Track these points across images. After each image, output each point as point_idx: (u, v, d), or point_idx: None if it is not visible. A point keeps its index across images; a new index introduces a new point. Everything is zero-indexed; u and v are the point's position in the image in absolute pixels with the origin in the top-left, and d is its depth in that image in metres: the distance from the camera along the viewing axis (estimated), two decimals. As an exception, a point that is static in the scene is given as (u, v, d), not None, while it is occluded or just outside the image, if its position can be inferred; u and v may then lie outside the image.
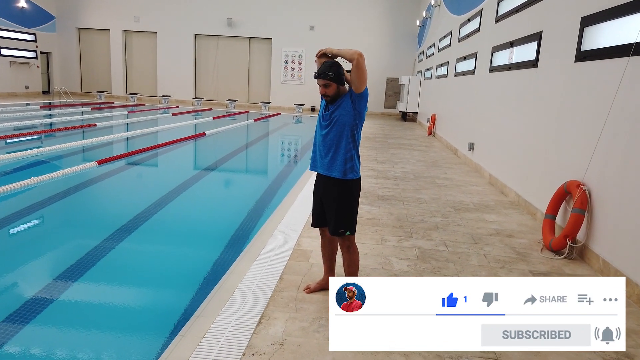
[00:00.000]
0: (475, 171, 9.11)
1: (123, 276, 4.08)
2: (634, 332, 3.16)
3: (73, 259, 4.24)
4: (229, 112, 21.62)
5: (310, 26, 24.35)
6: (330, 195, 3.22)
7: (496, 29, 8.47)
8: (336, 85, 3.09)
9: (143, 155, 9.67)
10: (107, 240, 4.74)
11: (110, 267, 4.23)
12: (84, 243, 4.68)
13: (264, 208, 6.38)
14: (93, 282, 3.92)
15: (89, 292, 3.75)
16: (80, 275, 3.96)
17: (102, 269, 4.14)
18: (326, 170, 3.21)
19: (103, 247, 4.59)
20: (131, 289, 3.86)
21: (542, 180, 5.71)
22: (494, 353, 2.82)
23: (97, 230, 5.13)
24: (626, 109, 3.93)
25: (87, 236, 4.98)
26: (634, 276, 3.65)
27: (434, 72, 16.48)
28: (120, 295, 3.74)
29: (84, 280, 3.89)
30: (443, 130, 13.73)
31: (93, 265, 4.19)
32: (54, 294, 3.60)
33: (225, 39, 25.18)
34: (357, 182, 3.25)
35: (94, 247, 4.53)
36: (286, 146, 13.80)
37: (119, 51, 25.49)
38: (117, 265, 4.31)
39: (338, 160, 3.15)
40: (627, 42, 3.95)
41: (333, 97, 3.11)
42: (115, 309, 3.48)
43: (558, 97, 5.44)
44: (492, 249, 4.70)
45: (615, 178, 4.06)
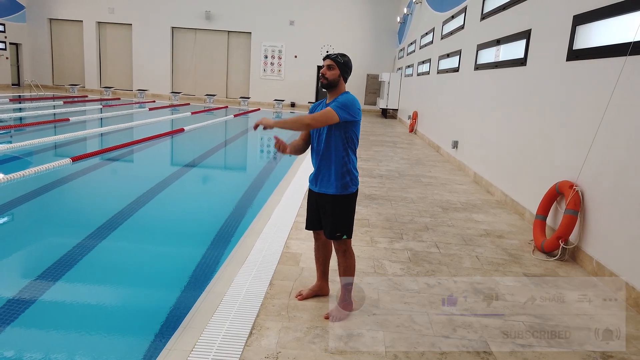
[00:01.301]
0: (459, 169, 9.07)
1: (101, 281, 3.84)
2: (633, 338, 3.10)
3: (48, 261, 3.99)
4: (208, 107, 21.20)
5: (290, 21, 24.08)
6: (326, 205, 3.06)
7: (482, 27, 8.42)
8: (339, 73, 2.97)
9: (120, 152, 9.33)
10: (84, 243, 4.48)
11: (87, 271, 3.98)
12: (60, 244, 4.41)
13: (247, 208, 6.18)
14: (69, 287, 3.67)
15: (66, 298, 3.51)
16: (57, 280, 3.71)
17: (78, 273, 3.89)
18: (320, 187, 3.06)
19: (79, 249, 4.33)
20: (111, 295, 3.62)
21: (531, 180, 5.66)
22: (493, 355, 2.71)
23: (72, 232, 4.85)
24: (623, 109, 3.87)
25: (63, 238, 4.71)
26: (631, 279, 3.60)
27: (415, 69, 16.45)
28: (99, 301, 3.50)
29: (60, 284, 3.64)
30: (425, 127, 13.70)
31: (69, 269, 3.94)
32: (29, 297, 3.34)
33: (204, 33, 24.70)
34: (355, 194, 3.10)
35: (70, 250, 4.27)
36: (266, 143, 13.56)
37: (93, 43, 24.74)
38: (95, 269, 4.06)
39: (334, 176, 3.00)
40: (624, 41, 3.89)
41: (330, 83, 2.97)
42: (93, 317, 3.24)
43: (549, 96, 5.39)
44: (483, 251, 4.62)
45: (610, 179, 4.01)
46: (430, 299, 3.49)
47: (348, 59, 3.02)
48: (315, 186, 3.11)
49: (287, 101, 24.53)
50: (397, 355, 2.73)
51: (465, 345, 2.88)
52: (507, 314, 3.33)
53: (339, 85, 2.99)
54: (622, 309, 3.51)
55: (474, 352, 2.81)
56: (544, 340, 3.00)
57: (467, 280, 3.87)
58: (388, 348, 2.79)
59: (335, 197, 3.01)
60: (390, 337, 2.92)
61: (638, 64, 3.72)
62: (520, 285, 3.85)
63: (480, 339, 2.97)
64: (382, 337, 2.91)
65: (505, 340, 2.97)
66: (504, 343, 2.94)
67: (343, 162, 2.99)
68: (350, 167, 3.01)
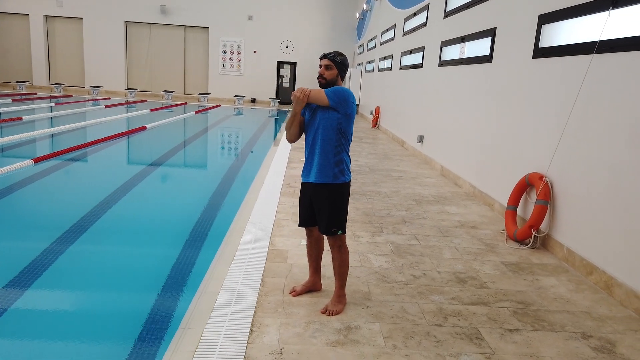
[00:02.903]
0: (425, 163, 9.32)
1: (85, 287, 3.73)
2: (608, 318, 3.33)
3: (16, 267, 3.82)
4: (166, 103, 20.71)
5: (249, 16, 23.81)
6: (321, 197, 3.11)
7: (445, 24, 8.66)
8: (337, 72, 3.04)
9: (82, 152, 8.99)
10: (57, 248, 4.33)
11: (66, 277, 3.86)
12: (29, 249, 4.24)
13: (223, 206, 6.13)
14: (46, 294, 3.56)
15: (43, 306, 3.39)
16: (27, 287, 3.56)
17: (54, 279, 3.77)
18: (315, 176, 3.10)
19: (51, 255, 4.18)
20: (100, 300, 3.53)
21: (500, 173, 5.91)
22: (490, 348, 2.85)
23: (41, 236, 4.66)
24: (591, 104, 4.12)
25: (31, 242, 4.52)
26: (601, 263, 3.85)
27: (376, 65, 16.68)
28: (85, 308, 3.41)
29: (33, 292, 3.51)
30: (388, 122, 13.94)
31: (40, 275, 3.78)
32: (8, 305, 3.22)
33: (159, 27, 24.03)
34: (348, 184, 3.17)
35: (40, 254, 4.11)
36: (231, 139, 13.42)
37: (40, 38, 23.56)
38: (73, 274, 3.93)
39: (327, 164, 3.06)
40: (591, 40, 4.13)
41: (329, 83, 3.04)
42: (84, 324, 3.16)
43: (516, 92, 5.64)
44: (461, 241, 4.80)
45: (578, 171, 4.26)
46: (418, 290, 3.62)
47: (344, 58, 3.08)
48: (309, 177, 3.14)
49: (247, 97, 24.30)
50: (397, 345, 2.82)
51: (458, 333, 3.01)
52: (492, 301, 3.50)
53: (336, 84, 3.04)
54: (594, 292, 3.75)
55: (467, 339, 2.95)
56: (528, 324, 3.17)
57: (449, 271, 4.03)
58: (386, 339, 2.88)
59: (330, 186, 3.07)
60: (387, 328, 3.01)
61: (604, 61, 3.97)
62: (499, 273, 4.04)
63: (470, 326, 3.11)
64: (379, 329, 3.00)
65: (494, 326, 3.12)
66: (492, 329, 3.09)
67: (336, 151, 3.06)
68: (343, 157, 3.09)
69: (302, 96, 2.97)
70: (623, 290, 3.55)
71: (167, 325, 3.07)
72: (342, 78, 3.06)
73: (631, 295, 3.46)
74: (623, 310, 3.46)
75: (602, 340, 3.02)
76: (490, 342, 2.92)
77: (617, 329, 3.18)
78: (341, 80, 3.07)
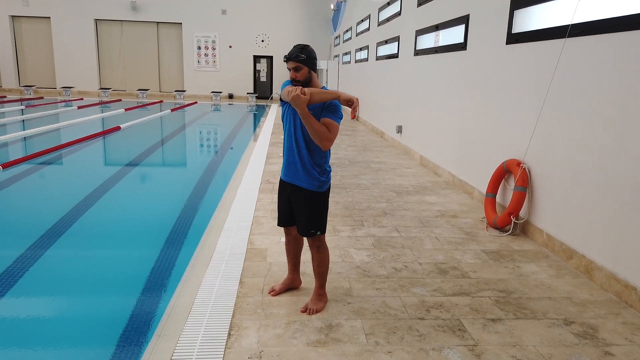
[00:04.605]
0: (404, 153, 9.30)
1: (59, 293, 3.58)
2: (589, 302, 3.33)
3: None
4: (141, 102, 20.32)
5: (222, 10, 23.46)
6: (301, 200, 3.01)
7: (419, 12, 8.61)
8: (308, 69, 2.85)
9: (54, 155, 8.73)
10: (30, 254, 4.16)
11: (38, 283, 3.70)
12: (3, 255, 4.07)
13: (201, 205, 6.01)
14: (18, 302, 3.40)
15: (17, 314, 3.25)
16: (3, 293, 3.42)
17: (26, 286, 3.61)
18: (295, 180, 2.99)
19: (24, 261, 4.01)
20: (73, 307, 3.39)
21: (478, 161, 5.90)
22: (473, 339, 2.82)
23: (16, 241, 4.49)
24: (565, 89, 4.11)
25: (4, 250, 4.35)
26: (580, 248, 3.85)
27: (352, 56, 16.60)
28: (58, 315, 3.27)
29: (7, 300, 3.36)
30: (367, 114, 13.90)
31: (14, 283, 3.64)
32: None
33: (131, 24, 23.53)
34: (329, 189, 3.08)
35: (13, 262, 3.95)
36: (210, 137, 13.22)
37: (7, 39, 22.86)
38: (46, 281, 3.78)
39: (307, 170, 2.94)
40: (562, 24, 4.11)
41: (304, 83, 2.86)
42: (55, 332, 3.03)
43: (491, 79, 5.61)
44: (441, 231, 4.77)
45: (555, 156, 4.26)
46: (400, 283, 3.57)
47: (309, 50, 2.88)
48: (287, 177, 3.04)
49: (224, 93, 24.00)
50: (379, 342, 2.76)
51: (441, 325, 2.97)
52: (474, 291, 3.47)
53: (312, 80, 2.91)
54: (575, 277, 3.75)
55: (450, 331, 2.91)
56: (510, 313, 3.15)
57: (431, 262, 3.99)
58: (368, 336, 2.82)
59: (310, 193, 2.97)
60: (369, 325, 2.95)
61: (577, 44, 3.95)
62: (480, 261, 4.02)
63: (453, 318, 3.07)
64: (361, 325, 2.94)
65: (476, 317, 3.09)
66: (475, 319, 3.06)
67: (320, 156, 2.95)
68: (323, 162, 2.98)
69: (300, 93, 2.65)
70: (603, 273, 3.55)
71: (142, 332, 2.96)
72: (314, 70, 2.91)
73: (611, 279, 3.47)
74: (604, 293, 3.47)
75: (584, 326, 3.01)
76: (472, 334, 2.88)
77: (599, 313, 3.18)
78: (315, 73, 2.93)
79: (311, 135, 2.79)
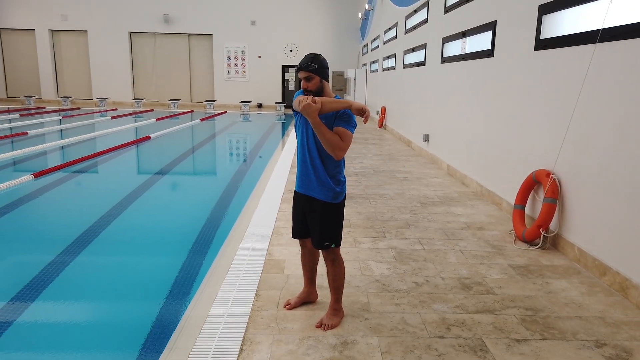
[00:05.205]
0: (432, 162, 9.12)
1: (74, 301, 3.61)
2: (623, 323, 3.12)
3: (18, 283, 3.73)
4: (173, 112, 20.74)
5: (252, 21, 23.80)
6: (315, 212, 2.94)
7: (446, 20, 8.46)
8: (319, 78, 2.79)
9: (85, 164, 8.95)
10: (56, 261, 4.23)
11: (59, 291, 3.74)
12: (29, 265, 4.15)
13: (224, 215, 6.01)
14: (44, 308, 3.44)
15: (41, 320, 3.28)
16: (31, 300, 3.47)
17: (51, 294, 3.66)
18: (310, 191, 2.93)
19: (51, 269, 4.08)
20: (86, 316, 3.40)
21: (506, 170, 5.70)
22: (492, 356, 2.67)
23: (42, 251, 4.58)
24: (596, 95, 3.91)
25: (32, 257, 4.44)
26: (615, 264, 3.64)
27: (380, 65, 16.50)
28: (72, 323, 3.28)
29: (34, 306, 3.41)
30: (394, 122, 13.75)
31: (42, 290, 3.70)
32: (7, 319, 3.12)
33: (163, 36, 24.14)
34: (344, 200, 3.00)
35: (41, 270, 4.02)
36: (237, 146, 13.34)
37: (47, 52, 23.81)
38: (67, 289, 3.82)
39: (321, 180, 2.87)
40: (593, 29, 3.93)
41: (316, 92, 2.80)
42: (68, 340, 3.04)
43: (519, 86, 5.43)
44: (467, 244, 4.61)
45: (587, 166, 4.05)
46: (421, 298, 3.44)
47: (321, 59, 2.81)
48: (301, 188, 2.98)
49: (253, 102, 24.26)
50: (395, 361, 2.65)
51: (462, 345, 2.83)
52: (498, 308, 3.31)
53: (324, 89, 2.85)
54: (608, 295, 3.54)
55: (471, 351, 2.77)
56: (537, 333, 2.98)
57: (454, 276, 3.85)
58: (384, 354, 2.72)
59: (324, 204, 2.91)
60: (386, 342, 2.84)
61: (608, 50, 3.77)
62: (507, 277, 3.85)
63: (475, 337, 2.93)
64: (377, 343, 2.83)
65: (500, 336, 2.94)
66: (499, 339, 2.91)
67: (333, 166, 2.88)
68: (337, 172, 2.91)
69: (311, 101, 2.61)
70: (639, 292, 3.33)
71: (154, 346, 2.93)
72: (325, 80, 2.85)
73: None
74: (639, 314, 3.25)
75: (617, 349, 2.81)
76: (495, 354, 2.73)
77: (634, 335, 2.98)
78: (326, 82, 2.88)
79: (323, 145, 2.73)
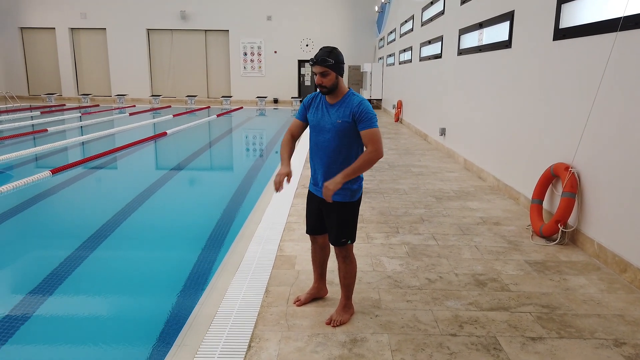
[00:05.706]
0: (448, 156, 8.98)
1: (87, 295, 3.64)
2: (644, 321, 3.01)
3: (36, 277, 3.78)
4: (190, 108, 20.87)
5: (268, 16, 23.77)
6: (333, 210, 2.88)
7: (462, 11, 8.29)
8: (335, 74, 2.70)
9: (102, 160, 9.06)
10: (72, 256, 4.28)
11: (74, 285, 3.78)
12: (46, 259, 4.21)
13: (238, 210, 6.01)
14: (61, 301, 3.49)
15: (58, 313, 3.31)
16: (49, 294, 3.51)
17: (67, 287, 3.70)
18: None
19: (68, 263, 4.13)
20: (96, 311, 3.42)
21: (524, 164, 5.57)
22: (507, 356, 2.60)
23: (59, 245, 4.64)
24: (617, 86, 3.78)
25: (49, 252, 4.49)
26: (635, 260, 3.51)
27: (396, 58, 16.32)
28: (84, 317, 3.31)
29: (51, 300, 3.45)
30: (410, 116, 13.59)
31: (59, 284, 3.75)
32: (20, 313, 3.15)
33: (180, 33, 24.29)
34: (360, 198, 2.95)
35: (58, 265, 4.08)
36: (253, 141, 13.36)
37: (67, 50, 24.18)
38: (81, 283, 3.86)
39: (347, 184, 2.80)
40: (614, 17, 3.78)
41: (330, 88, 2.73)
42: (80, 334, 3.06)
43: (537, 77, 5.28)
44: (482, 240, 4.52)
45: (607, 159, 3.92)
46: (433, 295, 3.37)
47: (336, 53, 2.72)
48: (319, 188, 2.92)
49: (269, 97, 24.28)
50: (405, 359, 2.60)
51: (474, 343, 2.77)
52: (513, 306, 3.22)
53: (338, 85, 2.76)
54: (629, 292, 3.42)
55: (484, 349, 2.70)
56: (553, 331, 2.89)
57: (468, 273, 3.76)
58: (394, 352, 2.66)
59: (342, 204, 2.85)
60: (396, 340, 2.79)
61: (630, 39, 3.62)
62: (523, 273, 3.75)
63: (488, 335, 2.85)
64: (387, 340, 2.78)
65: (514, 334, 2.86)
66: (513, 337, 2.83)
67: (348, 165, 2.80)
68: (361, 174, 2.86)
69: (326, 192, 2.68)
70: (661, 289, 3.21)
71: (162, 341, 2.93)
72: (341, 75, 2.75)
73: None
74: (661, 312, 3.13)
75: (637, 348, 2.71)
76: (509, 353, 2.66)
77: (655, 334, 2.87)
78: (341, 77, 2.76)
79: (365, 169, 2.74)
